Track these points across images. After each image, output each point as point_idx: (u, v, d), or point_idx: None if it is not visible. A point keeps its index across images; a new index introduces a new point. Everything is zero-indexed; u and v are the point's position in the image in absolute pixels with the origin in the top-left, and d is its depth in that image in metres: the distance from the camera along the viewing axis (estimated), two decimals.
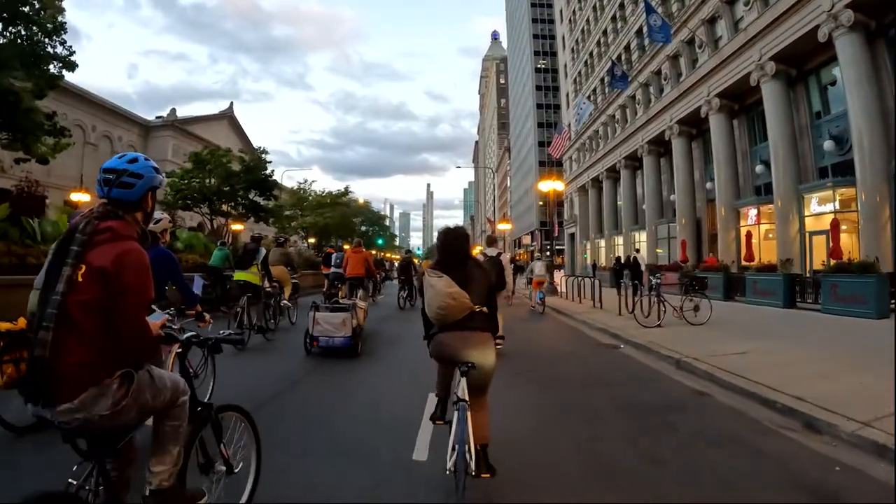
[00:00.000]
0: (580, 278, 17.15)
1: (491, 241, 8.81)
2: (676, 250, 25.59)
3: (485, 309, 3.22)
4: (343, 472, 3.49)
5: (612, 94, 35.26)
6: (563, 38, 50.79)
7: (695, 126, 25.73)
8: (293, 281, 12.32)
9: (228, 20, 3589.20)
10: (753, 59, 19.73)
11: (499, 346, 6.97)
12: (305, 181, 39.97)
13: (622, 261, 22.84)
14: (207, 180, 20.70)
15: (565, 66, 50.25)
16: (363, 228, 59.98)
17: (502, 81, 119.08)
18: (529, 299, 16.06)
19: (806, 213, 18.06)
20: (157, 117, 48.25)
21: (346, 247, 42.76)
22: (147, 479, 2.11)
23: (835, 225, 13.86)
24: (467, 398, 2.97)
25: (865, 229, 14.71)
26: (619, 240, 35.13)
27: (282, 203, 38.71)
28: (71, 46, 14.42)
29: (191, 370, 3.20)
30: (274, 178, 23.68)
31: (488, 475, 3.01)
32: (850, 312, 10.97)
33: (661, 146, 29.09)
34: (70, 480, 1.95)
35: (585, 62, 42.78)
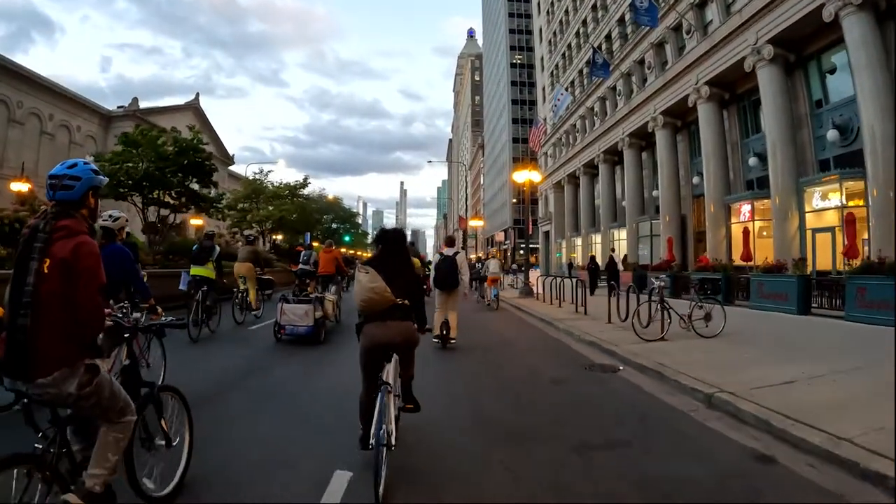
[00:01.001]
0: (559, 279, 15.16)
1: (450, 241, 9.09)
2: (660, 249, 23.89)
3: (406, 302, 3.57)
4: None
5: (592, 86, 33.55)
6: (541, 30, 49.04)
7: (680, 117, 24.09)
8: (266, 277, 13.68)
9: (203, 14, 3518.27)
10: (749, 43, 18.06)
11: (452, 341, 8.18)
12: (261, 171, 36.96)
13: (597, 260, 20.99)
14: (138, 165, 17.72)
15: (542, 59, 48.50)
16: (334, 226, 57.50)
17: (477, 78, 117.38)
18: (483, 298, 16.33)
19: (807, 209, 16.44)
20: (119, 107, 44.87)
21: (315, 244, 40.46)
22: (83, 479, 2.35)
23: (850, 220, 12.21)
24: (391, 382, 3.43)
25: (878, 225, 13.07)
26: (597, 238, 33.46)
27: (235, 195, 35.81)
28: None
29: (137, 354, 3.50)
30: (213, 163, 20.58)
31: (411, 407, 3.98)
32: (879, 320, 9.13)
33: (643, 139, 27.44)
34: (36, 445, 2.20)
35: (563, 54, 41.04)
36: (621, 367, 6.79)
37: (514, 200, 72.61)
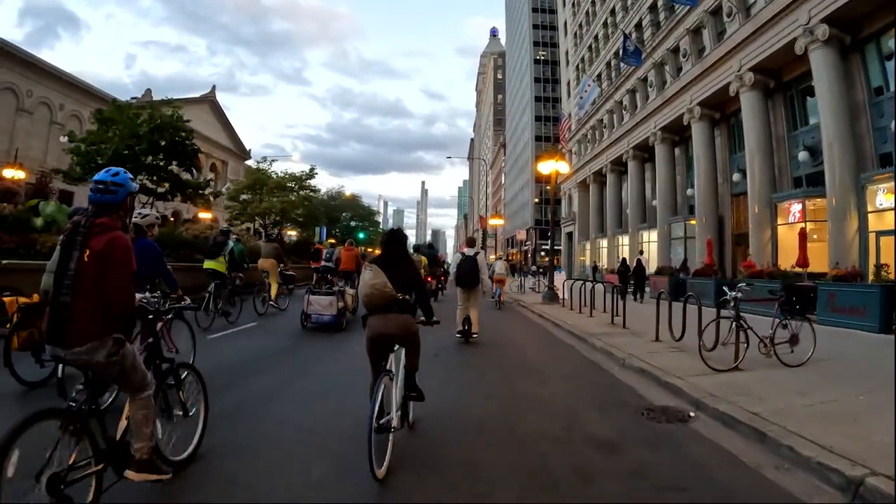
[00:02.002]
0: (590, 283, 13.56)
1: (470, 242, 9.39)
2: (695, 252, 22.04)
3: (408, 297, 3.87)
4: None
5: (620, 78, 31.70)
6: (566, 23, 47.17)
7: (719, 108, 22.19)
8: (289, 273, 14.80)
9: (227, 13, 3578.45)
10: (800, 23, 16.16)
11: (475, 336, 8.51)
12: (265, 159, 35.23)
13: (627, 262, 19.23)
14: (111, 144, 15.73)
15: (567, 53, 46.65)
16: (352, 223, 56.69)
17: (499, 76, 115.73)
18: (493, 297, 15.94)
19: (868, 209, 14.52)
20: (133, 98, 44.21)
21: (331, 241, 39.19)
22: (132, 451, 2.82)
23: None
24: (393, 370, 3.80)
25: None
26: (624, 240, 31.60)
27: (237, 185, 34.06)
28: None
29: (162, 336, 3.96)
30: (196, 145, 18.34)
31: (415, 395, 4.14)
32: None
33: (676, 133, 25.56)
34: (70, 403, 2.63)
35: (589, 46, 39.17)
36: (692, 414, 4.92)
37: (536, 200, 70.81)
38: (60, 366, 4.50)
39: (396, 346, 3.97)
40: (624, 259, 20.36)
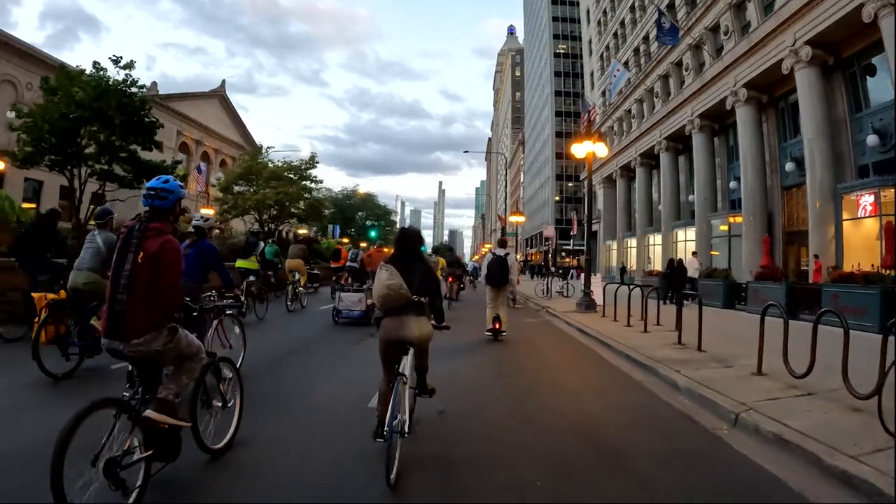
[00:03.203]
0: (630, 287, 11.42)
1: (502, 243, 10.04)
2: (740, 251, 19.63)
3: (423, 299, 3.67)
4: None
5: (650, 64, 29.26)
6: (588, 11, 44.71)
7: (767, 90, 19.75)
8: (314, 272, 16.46)
9: (245, 15, 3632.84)
10: None
11: (504, 334, 8.92)
12: (261, 146, 31.66)
13: (682, 263, 16.86)
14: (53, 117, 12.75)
15: (590, 42, 44.19)
16: (368, 222, 55.40)
17: (517, 74, 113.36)
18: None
19: None
20: (141, 86, 42.75)
21: (345, 240, 37.27)
22: (160, 392, 2.95)
23: None
24: (407, 374, 3.50)
25: None
26: (656, 239, 29.19)
27: (229, 175, 30.95)
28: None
29: (218, 336, 5.37)
30: (156, 119, 15.17)
31: (427, 395, 4.09)
32: None
33: (715, 120, 23.11)
34: (124, 393, 2.95)
35: (615, 33, 36.71)
36: None
37: (557, 198, 68.32)
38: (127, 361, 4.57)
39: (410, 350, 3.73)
40: (671, 260, 17.99)
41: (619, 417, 4.63)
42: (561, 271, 51.55)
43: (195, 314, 4.15)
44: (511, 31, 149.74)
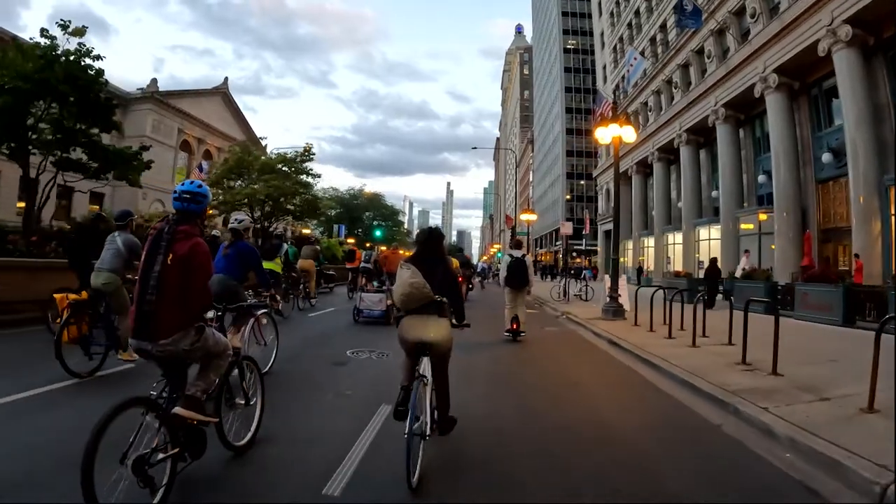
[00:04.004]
0: (665, 289, 10.03)
1: (517, 245, 9.88)
2: (771, 250, 18.12)
3: (444, 299, 3.54)
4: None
5: (668, 54, 27.76)
6: (600, 2, 43.21)
7: (799, 76, 18.25)
8: (330, 273, 17.38)
9: (253, 17, 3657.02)
10: None
11: (523, 334, 9.00)
12: (260, 139, 30.49)
13: (717, 263, 15.31)
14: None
15: (602, 34, 42.68)
16: (375, 222, 54.59)
17: (526, 72, 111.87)
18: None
19: None
20: (138, 89, 41.79)
21: (351, 240, 35.52)
22: (188, 389, 2.99)
23: None
24: (428, 375, 3.46)
25: None
26: (676, 237, 27.68)
27: (219, 168, 29.16)
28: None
29: (254, 334, 5.67)
30: (111, 98, 13.35)
31: (451, 430, 3.71)
32: None
33: (741, 110, 21.61)
34: (151, 392, 2.87)
35: (629, 23, 35.20)
36: None
37: (568, 197, 66.74)
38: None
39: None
40: (714, 259, 16.52)
41: (709, 493, 3.16)
42: (572, 272, 50.06)
43: (243, 308, 4.77)
44: (519, 29, 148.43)
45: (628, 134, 11.77)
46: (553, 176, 73.36)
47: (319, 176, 29.05)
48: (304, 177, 27.78)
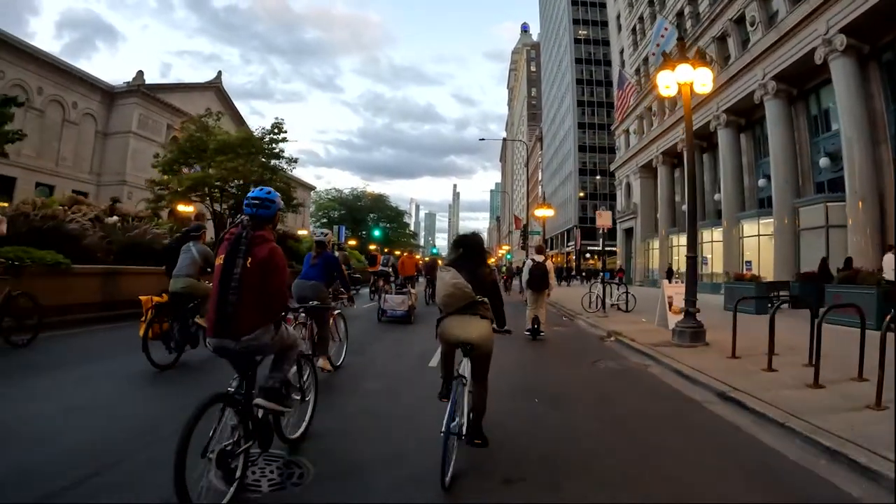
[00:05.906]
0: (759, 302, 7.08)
1: (539, 250, 10.56)
2: (845, 246, 14.96)
3: (486, 300, 3.62)
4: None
5: (700, 27, 24.62)
6: None
7: (870, 39, 15.12)
8: (356, 275, 17.55)
9: (260, 23, 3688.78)
10: None
11: (542, 334, 9.42)
12: (208, 110, 24.41)
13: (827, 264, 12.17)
14: None
15: (618, 17, 39.57)
16: (379, 225, 52.39)
17: (533, 69, 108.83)
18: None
19: None
20: (125, 83, 39.37)
21: (352, 241, 32.52)
22: (265, 381, 3.27)
23: None
24: (468, 376, 3.53)
25: None
26: (715, 234, 24.53)
27: (170, 150, 25.55)
28: None
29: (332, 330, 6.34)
30: None
31: (479, 442, 3.52)
32: None
33: (794, 84, 18.46)
34: (229, 388, 2.94)
35: (650, 0, 32.09)
36: None
37: (581, 194, 63.56)
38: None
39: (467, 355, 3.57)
40: (824, 259, 13.48)
41: None
42: (584, 274, 46.86)
43: (328, 308, 5.83)
44: (525, 28, 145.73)
45: (703, 77, 8.78)
46: (564, 173, 70.21)
47: (296, 160, 24.95)
48: (275, 161, 24.00)
